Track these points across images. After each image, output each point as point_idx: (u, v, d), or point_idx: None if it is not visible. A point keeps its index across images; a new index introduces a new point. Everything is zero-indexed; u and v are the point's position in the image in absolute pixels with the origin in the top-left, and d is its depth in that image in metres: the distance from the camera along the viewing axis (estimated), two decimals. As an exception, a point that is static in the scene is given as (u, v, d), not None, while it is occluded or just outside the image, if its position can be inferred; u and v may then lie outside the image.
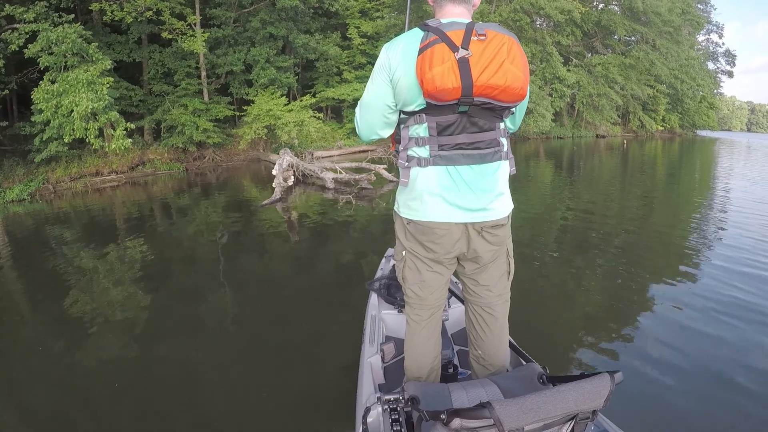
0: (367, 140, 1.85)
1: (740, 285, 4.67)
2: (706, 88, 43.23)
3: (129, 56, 15.63)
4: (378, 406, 1.76)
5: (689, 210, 8.97)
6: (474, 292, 1.90)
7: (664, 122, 43.09)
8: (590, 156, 22.17)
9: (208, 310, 4.31)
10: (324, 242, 6.50)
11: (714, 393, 2.87)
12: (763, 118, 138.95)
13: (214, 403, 2.83)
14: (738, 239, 6.41)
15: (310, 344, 3.56)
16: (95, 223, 8.16)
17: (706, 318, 3.92)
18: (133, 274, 5.22)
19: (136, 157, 14.58)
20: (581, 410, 1.30)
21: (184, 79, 16.50)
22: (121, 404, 2.86)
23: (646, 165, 18.77)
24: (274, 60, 18.46)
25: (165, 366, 3.29)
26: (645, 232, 7.15)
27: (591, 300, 4.47)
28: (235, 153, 17.65)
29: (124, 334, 3.80)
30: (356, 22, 23.53)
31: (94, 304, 4.40)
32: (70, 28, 11.66)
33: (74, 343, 3.66)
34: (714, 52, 49.17)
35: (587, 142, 31.88)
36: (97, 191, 11.79)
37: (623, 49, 36.37)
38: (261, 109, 16.92)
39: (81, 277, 5.17)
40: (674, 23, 34.50)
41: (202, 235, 7.00)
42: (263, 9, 18.19)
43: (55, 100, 11.39)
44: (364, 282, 4.45)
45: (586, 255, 5.85)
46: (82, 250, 6.24)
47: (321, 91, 21.97)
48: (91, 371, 3.25)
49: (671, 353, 3.34)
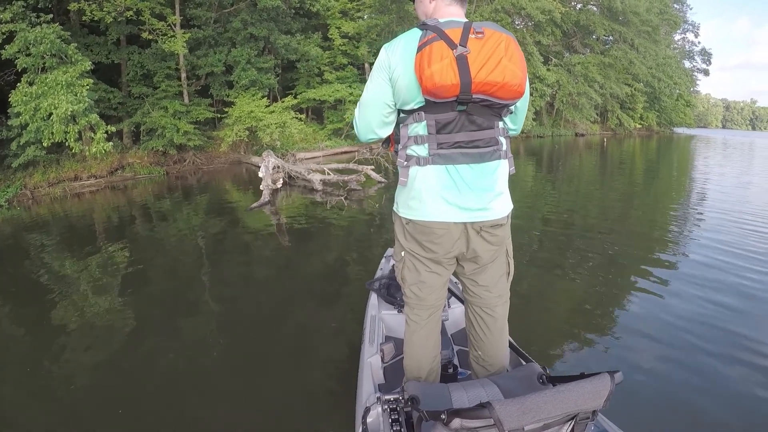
0: (364, 139, 1.84)
1: (728, 270, 4.90)
2: (683, 86, 44.20)
3: (107, 57, 15.34)
4: (378, 406, 1.76)
5: (670, 204, 9.14)
6: (473, 292, 1.90)
7: (642, 120, 43.82)
8: (570, 154, 22.45)
9: (203, 315, 4.24)
10: (317, 244, 6.47)
11: (712, 391, 2.89)
12: (738, 115, 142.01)
13: (210, 408, 2.79)
14: (720, 226, 6.68)
15: (310, 345, 3.53)
16: (75, 229, 8.01)
17: (700, 312, 3.98)
18: (117, 281, 5.11)
19: (115, 161, 14.28)
20: (581, 410, 1.30)
21: (163, 80, 16.26)
22: (103, 413, 2.78)
23: (625, 162, 19.05)
24: (255, 61, 18.33)
25: (151, 373, 3.21)
26: (626, 228, 7.25)
27: (576, 296, 4.51)
28: (215, 156, 17.46)
29: (105, 341, 3.72)
30: (337, 23, 23.51)
31: (74, 312, 4.29)
32: (48, 28, 11.40)
33: (53, 351, 3.55)
34: (690, 50, 50.21)
35: (566, 140, 32.30)
36: (76, 196, 11.57)
37: (602, 48, 36.97)
38: (242, 110, 16.76)
39: (60, 284, 5.05)
40: (652, 23, 35.23)
41: (187, 240, 6.89)
42: (244, 9, 18.05)
43: (34, 102, 11.12)
44: (361, 282, 4.43)
45: (572, 252, 5.90)
46: (62, 257, 6.12)
47: (302, 92, 21.92)
48: (72, 379, 3.17)
49: (670, 352, 3.36)
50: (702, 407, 2.73)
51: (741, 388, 2.88)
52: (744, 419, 2.61)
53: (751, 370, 3.09)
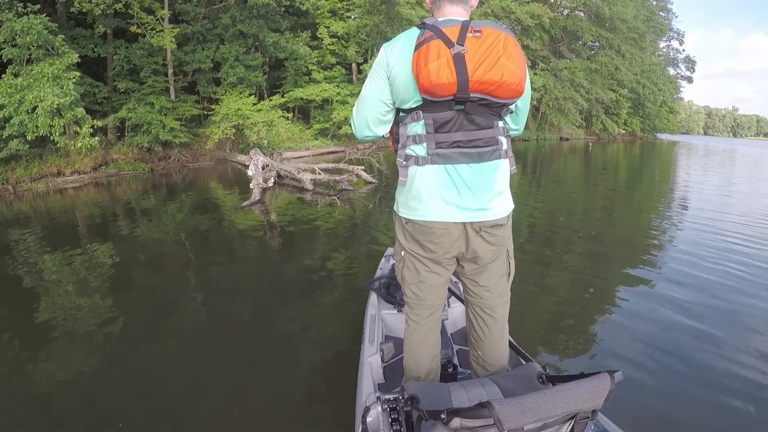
0: (361, 136, 1.84)
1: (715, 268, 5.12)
2: (667, 92, 44.92)
3: (93, 51, 15.05)
4: (377, 405, 1.76)
5: (657, 205, 9.28)
6: (474, 293, 1.91)
7: (626, 125, 44.44)
8: (556, 158, 22.66)
9: (196, 315, 4.16)
10: (312, 243, 6.41)
11: (712, 391, 2.92)
12: (720, 122, 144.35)
13: (207, 409, 2.75)
14: (708, 225, 6.80)
15: (308, 344, 3.50)
16: (58, 226, 7.85)
17: (700, 311, 4.08)
18: (101, 280, 4.99)
19: (99, 156, 14.01)
20: (581, 410, 1.31)
21: (150, 76, 16.02)
22: (88, 416, 2.72)
23: (608, 166, 19.30)
24: (243, 58, 18.17)
25: (138, 375, 3.14)
26: (613, 229, 7.35)
27: (562, 294, 4.57)
28: (201, 153, 17.26)
29: (88, 342, 3.62)
30: (326, 22, 23.45)
31: (57, 311, 4.17)
32: (35, 19, 11.18)
33: (35, 352, 3.45)
34: (675, 58, 51.00)
35: (551, 144, 32.65)
36: (59, 192, 11.33)
37: (588, 53, 37.36)
38: (229, 108, 16.63)
39: (42, 283, 4.92)
40: (639, 30, 35.74)
41: (174, 239, 6.79)
42: (234, 6, 17.88)
43: (19, 94, 10.89)
44: (359, 281, 4.42)
45: (560, 252, 5.97)
46: (45, 254, 5.98)
47: (289, 90, 21.81)
48: (54, 381, 3.08)
49: (669, 352, 3.40)
50: (701, 407, 2.76)
51: (741, 389, 2.93)
52: (744, 419, 2.66)
53: (751, 370, 3.15)
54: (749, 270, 5.21)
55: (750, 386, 2.96)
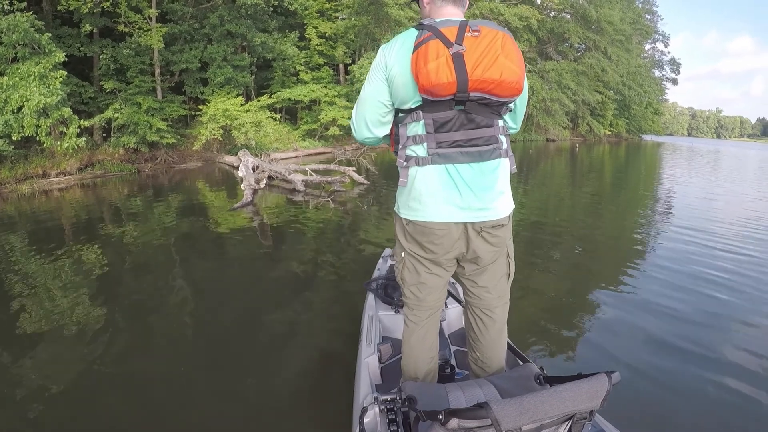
0: (360, 137, 1.83)
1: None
2: (652, 94, 45.46)
3: (80, 50, 14.92)
4: (375, 406, 1.76)
5: (644, 203, 9.38)
6: (473, 293, 1.91)
7: (612, 127, 44.90)
8: (543, 159, 22.82)
9: (191, 317, 4.12)
10: (306, 245, 6.37)
11: (709, 390, 2.95)
12: (704, 123, 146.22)
13: (202, 410, 2.72)
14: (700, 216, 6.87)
15: (306, 345, 3.48)
16: (44, 228, 7.74)
17: (698, 311, 4.12)
18: (88, 282, 4.91)
19: (85, 157, 13.83)
20: (578, 410, 1.31)
21: (137, 76, 15.88)
22: (75, 419, 2.68)
23: (594, 167, 19.47)
24: (231, 58, 18.10)
25: (131, 380, 3.10)
26: (603, 228, 7.42)
27: (552, 294, 4.57)
28: (188, 154, 17.13)
29: (76, 345, 3.55)
30: (315, 23, 23.45)
31: (43, 315, 4.09)
32: (21, 16, 11.02)
33: (20, 357, 3.38)
34: (660, 60, 51.60)
35: (537, 145, 32.86)
36: (45, 194, 11.17)
37: (575, 55, 37.66)
38: (217, 109, 16.53)
39: (28, 286, 4.84)
40: (626, 32, 36.09)
41: (164, 241, 6.69)
42: (222, 5, 17.78)
43: (4, 94, 10.72)
44: (354, 282, 4.39)
45: (552, 252, 6.01)
46: (30, 257, 5.89)
47: (277, 91, 21.72)
48: (39, 387, 3.01)
49: (669, 351, 3.41)
50: (698, 407, 2.79)
51: (741, 388, 2.96)
52: (739, 418, 2.69)
53: (744, 369, 3.19)
54: (740, 267, 5.33)
55: (743, 384, 2.99)
